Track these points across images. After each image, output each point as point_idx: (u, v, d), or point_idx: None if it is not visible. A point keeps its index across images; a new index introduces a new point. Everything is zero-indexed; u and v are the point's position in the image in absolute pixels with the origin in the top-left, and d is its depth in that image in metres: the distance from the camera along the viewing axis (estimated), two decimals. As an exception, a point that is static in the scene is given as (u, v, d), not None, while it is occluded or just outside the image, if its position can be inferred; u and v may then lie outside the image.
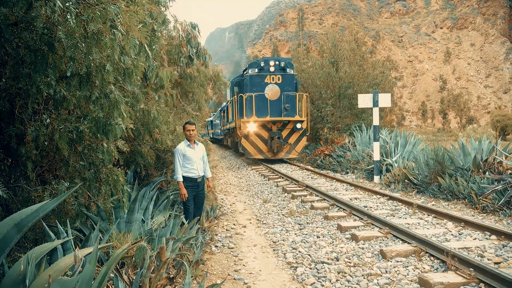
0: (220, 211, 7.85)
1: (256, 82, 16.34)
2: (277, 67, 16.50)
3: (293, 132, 16.19)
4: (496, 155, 8.40)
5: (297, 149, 16.36)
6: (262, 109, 16.07)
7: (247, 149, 15.97)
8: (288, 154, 16.27)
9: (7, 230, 2.18)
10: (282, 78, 16.44)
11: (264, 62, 16.65)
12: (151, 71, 5.23)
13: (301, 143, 16.48)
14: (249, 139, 15.89)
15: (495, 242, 5.09)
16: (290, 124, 16.14)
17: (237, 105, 17.29)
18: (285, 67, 16.57)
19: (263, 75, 16.40)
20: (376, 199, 8.28)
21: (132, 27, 2.86)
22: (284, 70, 16.57)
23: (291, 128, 16.13)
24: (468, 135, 25.54)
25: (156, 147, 6.96)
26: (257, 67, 16.57)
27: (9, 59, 3.36)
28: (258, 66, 16.59)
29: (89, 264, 2.24)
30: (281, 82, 16.41)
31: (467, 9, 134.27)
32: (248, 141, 15.91)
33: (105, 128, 3.84)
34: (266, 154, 16.05)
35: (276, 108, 16.21)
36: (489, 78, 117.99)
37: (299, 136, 16.31)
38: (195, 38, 7.99)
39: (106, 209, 4.32)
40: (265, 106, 16.12)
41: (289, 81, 16.67)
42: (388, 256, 4.75)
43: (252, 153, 16.01)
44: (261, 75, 16.43)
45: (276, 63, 16.57)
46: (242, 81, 18.29)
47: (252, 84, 16.35)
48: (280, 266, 4.80)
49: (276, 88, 16.32)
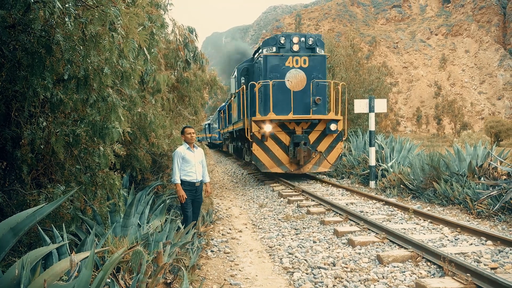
0: (216, 216, 7.82)
1: (273, 65, 11.97)
2: (303, 45, 12.11)
3: (324, 135, 11.83)
4: (491, 160, 8.44)
5: (330, 159, 11.81)
6: (282, 103, 11.71)
7: (261, 160, 11.42)
8: (317, 166, 11.80)
9: (2, 234, 2.15)
10: (309, 60, 12.01)
11: (285, 38, 12.08)
12: (149, 74, 5.22)
13: (335, 152, 11.93)
14: (263, 145, 11.45)
15: (491, 248, 5.09)
16: (321, 125, 11.80)
17: (246, 99, 12.50)
18: (313, 46, 12.14)
19: (283, 56, 11.96)
20: (372, 204, 8.28)
21: (132, 29, 2.85)
22: (313, 50, 12.15)
23: (322, 130, 11.81)
24: (463, 140, 25.70)
25: (152, 151, 6.94)
26: (275, 45, 12.06)
27: (6, 62, 3.34)
28: (277, 43, 12.02)
29: (85, 269, 2.21)
30: (309, 66, 11.99)
31: (462, 16, 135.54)
32: (261, 148, 11.44)
33: (102, 132, 3.82)
34: (286, 166, 11.58)
35: (301, 102, 11.86)
36: (483, 85, 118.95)
37: (332, 141, 11.89)
38: (192, 42, 8.00)
39: (102, 213, 4.29)
40: (287, 99, 11.63)
41: (320, 65, 12.21)
42: (385, 261, 4.74)
43: (267, 165, 11.47)
44: (281, 56, 11.97)
45: (301, 39, 12.11)
46: (253, 66, 13.94)
47: (268, 68, 11.97)
48: (277, 271, 4.78)
49: (302, 74, 11.94)
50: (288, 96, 11.57)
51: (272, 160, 11.53)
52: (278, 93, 11.70)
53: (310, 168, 11.71)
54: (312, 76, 11.93)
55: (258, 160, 11.45)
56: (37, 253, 2.52)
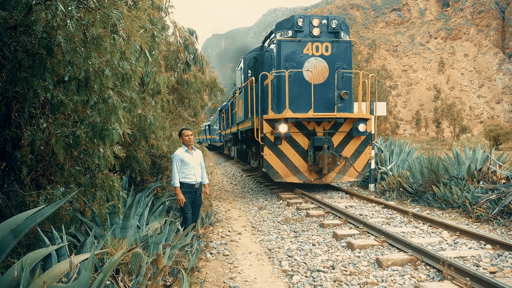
0: (215, 218, 7.81)
1: (289, 53, 10.08)
2: (325, 28, 10.21)
3: (350, 138, 10.00)
4: (490, 164, 8.46)
5: (357, 166, 9.99)
6: (298, 98, 9.98)
7: (274, 167, 9.60)
8: (342, 175, 9.99)
9: (3, 236, 2.14)
10: (333, 47, 10.11)
11: (303, 20, 10.15)
12: (149, 76, 5.22)
13: (363, 157, 10.09)
14: (276, 149, 9.63)
15: (490, 252, 5.10)
16: (346, 125, 9.96)
17: (256, 93, 10.47)
18: (337, 30, 10.22)
19: (301, 42, 10.04)
20: (371, 207, 8.28)
21: (134, 32, 2.86)
22: (337, 35, 10.24)
23: (348, 131, 9.98)
24: (462, 144, 25.74)
25: (152, 152, 6.94)
26: (291, 28, 10.13)
27: (7, 63, 3.34)
28: (294, 26, 10.11)
29: (85, 271, 2.20)
30: (331, 55, 10.11)
31: (461, 20, 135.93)
32: (274, 152, 9.62)
33: (102, 133, 3.82)
34: (305, 175, 9.80)
35: (323, 97, 9.98)
36: (482, 88, 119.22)
37: (360, 144, 10.07)
38: (192, 44, 8.02)
39: (101, 215, 4.28)
40: (305, 93, 9.84)
41: (344, 53, 10.29)
42: (384, 265, 4.74)
43: (281, 173, 9.66)
44: (298, 41, 10.05)
45: (323, 22, 10.19)
46: (263, 56, 11.93)
47: (283, 56, 10.08)
48: (276, 274, 4.77)
49: (323, 64, 10.04)
50: (307, 90, 9.72)
51: (288, 167, 9.69)
52: (294, 87, 9.89)
53: (333, 178, 9.88)
54: (335, 66, 10.06)
55: (270, 167, 9.58)
56: (37, 254, 2.51)
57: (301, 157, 9.74)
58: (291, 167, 9.70)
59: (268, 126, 9.58)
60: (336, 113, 9.69)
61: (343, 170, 9.93)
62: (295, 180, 9.77)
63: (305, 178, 9.78)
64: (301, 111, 9.75)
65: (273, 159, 9.60)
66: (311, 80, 9.79)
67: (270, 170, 9.61)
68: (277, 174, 9.63)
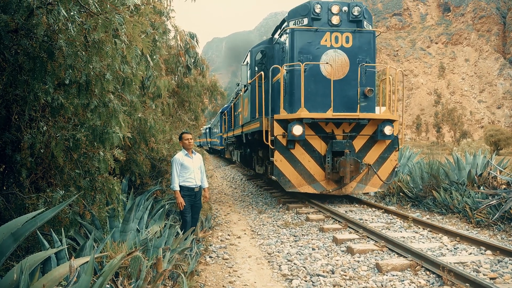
0: (215, 222, 7.81)
1: (304, 44, 8.86)
2: (346, 16, 9.00)
3: (373, 142, 8.84)
4: (490, 170, 8.45)
5: (381, 175, 8.78)
6: (314, 96, 8.80)
7: (286, 174, 8.48)
8: (364, 185, 8.81)
9: (3, 240, 2.14)
10: (354, 38, 8.93)
11: (321, 6, 8.92)
12: (150, 80, 5.24)
13: (387, 165, 8.89)
14: (289, 154, 8.49)
15: (491, 257, 5.09)
16: (369, 127, 8.79)
17: (266, 90, 9.29)
18: (360, 18, 9.01)
19: (318, 32, 8.84)
20: (371, 212, 8.27)
21: (136, 37, 2.87)
22: (359, 24, 9.04)
23: (371, 134, 8.80)
24: (463, 149, 25.73)
25: (152, 156, 6.95)
26: (306, 16, 8.92)
27: (7, 66, 3.35)
28: (310, 13, 8.86)
29: (84, 275, 2.20)
30: (353, 46, 8.93)
31: (462, 25, 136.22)
32: (286, 158, 8.49)
33: (102, 137, 3.83)
34: (321, 184, 8.63)
35: (343, 95, 8.83)
36: (482, 93, 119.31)
37: (385, 150, 8.89)
38: (193, 48, 8.04)
39: (100, 218, 4.28)
40: (322, 90, 8.77)
41: (367, 44, 9.08)
42: (384, 270, 4.73)
43: (294, 182, 8.52)
44: (314, 31, 8.84)
45: (343, 9, 8.98)
46: (272, 48, 10.60)
47: (297, 48, 8.86)
48: (275, 278, 4.76)
49: (343, 57, 8.86)
50: (324, 86, 8.66)
51: (301, 175, 8.53)
52: (309, 83, 8.74)
53: (354, 188, 8.73)
54: (357, 59, 8.90)
55: (282, 174, 8.45)
56: (36, 257, 2.51)
57: (317, 164, 8.61)
58: (306, 175, 8.56)
59: (279, 127, 8.49)
60: (359, 113, 8.53)
61: (365, 179, 8.77)
62: (310, 190, 8.59)
63: (322, 188, 8.62)
64: (317, 110, 8.58)
65: (284, 166, 8.47)
66: (329, 76, 8.59)
67: (281, 179, 8.46)
68: (289, 183, 8.50)
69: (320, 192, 8.63)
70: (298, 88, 8.54)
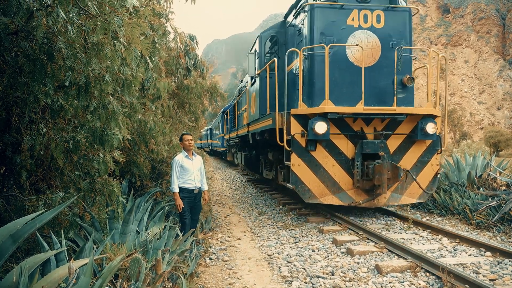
0: (215, 223, 7.80)
1: (327, 24, 7.36)
2: None
3: (411, 142, 7.41)
4: (490, 171, 8.45)
5: (421, 182, 7.27)
6: (340, 86, 7.28)
7: (305, 182, 7.03)
8: (399, 196, 7.36)
9: (2, 241, 2.14)
10: (386, 17, 7.45)
11: None
12: (149, 82, 5.25)
13: (428, 170, 7.44)
14: (309, 157, 7.07)
15: (490, 259, 5.08)
16: (406, 124, 7.34)
17: (279, 80, 7.71)
18: None
19: (344, 9, 7.34)
20: (371, 213, 8.27)
21: (135, 39, 2.88)
22: (392, 0, 7.54)
23: (409, 133, 7.37)
24: (463, 150, 25.71)
25: (152, 157, 6.95)
26: None
27: (7, 68, 3.35)
28: None
29: (84, 277, 2.20)
30: (385, 27, 7.45)
31: (461, 26, 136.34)
32: (306, 162, 7.06)
33: (102, 138, 3.83)
34: (349, 194, 7.18)
35: (373, 85, 7.36)
36: (482, 95, 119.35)
37: (424, 152, 7.43)
38: (193, 50, 8.05)
39: (100, 220, 4.28)
40: (349, 79, 7.30)
41: (402, 25, 7.60)
42: (384, 271, 4.73)
43: (315, 191, 7.06)
44: (339, 8, 7.34)
45: None
46: (285, 33, 9.06)
47: (318, 28, 7.36)
48: (275, 279, 4.76)
49: (374, 40, 7.36)
50: (352, 75, 7.25)
51: (324, 183, 7.08)
52: (333, 70, 7.19)
53: (387, 199, 7.24)
54: (390, 43, 7.41)
55: (300, 182, 7.00)
56: (35, 259, 2.51)
57: (344, 169, 7.14)
58: (330, 182, 7.10)
59: (297, 124, 7.03)
60: (395, 107, 7.06)
61: (401, 188, 7.29)
62: (334, 201, 7.12)
63: (350, 199, 7.13)
64: (343, 104, 7.08)
65: (304, 172, 7.01)
66: (358, 62, 7.19)
67: (300, 187, 7.01)
68: (309, 193, 7.02)
69: (348, 204, 7.16)
70: (320, 77, 7.13)
